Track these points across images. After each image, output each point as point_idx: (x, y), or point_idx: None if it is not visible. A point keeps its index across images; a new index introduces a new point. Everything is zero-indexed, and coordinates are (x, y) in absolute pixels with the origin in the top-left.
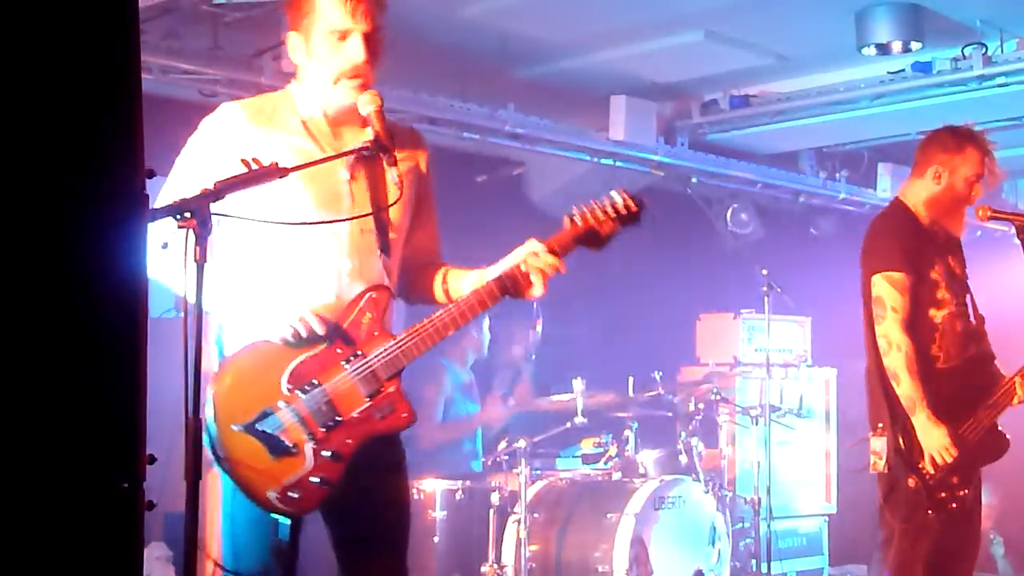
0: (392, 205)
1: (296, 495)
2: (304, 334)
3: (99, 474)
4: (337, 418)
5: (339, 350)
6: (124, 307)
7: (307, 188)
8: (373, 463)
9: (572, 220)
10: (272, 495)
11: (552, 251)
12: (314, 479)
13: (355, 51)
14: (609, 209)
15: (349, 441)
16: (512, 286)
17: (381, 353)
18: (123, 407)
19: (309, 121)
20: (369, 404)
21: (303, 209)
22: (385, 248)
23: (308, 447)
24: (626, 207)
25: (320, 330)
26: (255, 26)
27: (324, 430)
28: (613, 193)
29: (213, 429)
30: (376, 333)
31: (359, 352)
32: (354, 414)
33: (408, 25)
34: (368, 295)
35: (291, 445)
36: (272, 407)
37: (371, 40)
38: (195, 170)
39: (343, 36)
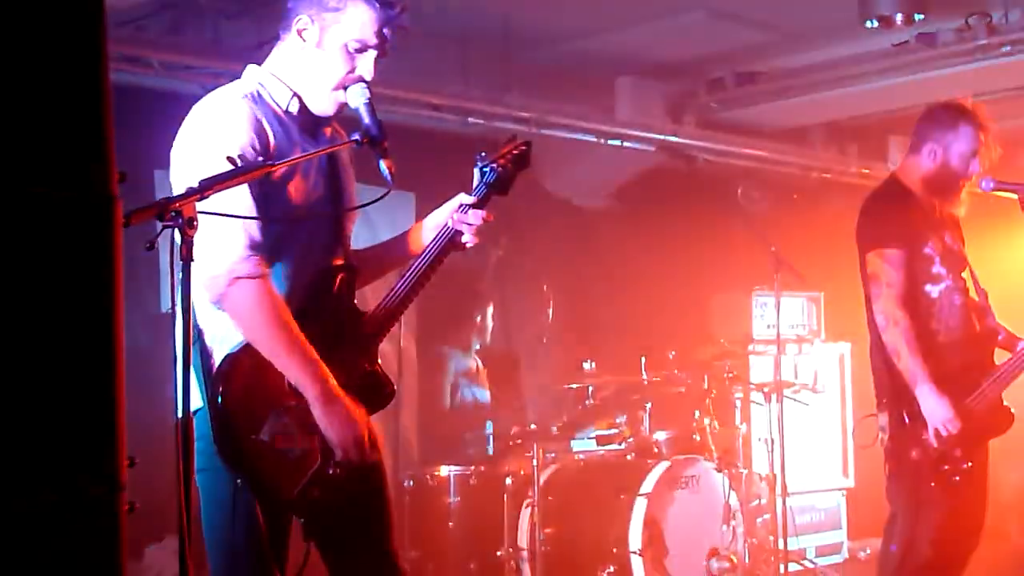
0: (383, 197)
1: (318, 492)
2: None
3: (73, 480)
4: None
5: None
6: (95, 312)
7: (295, 180)
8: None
9: (482, 172)
10: (294, 495)
11: (475, 204)
12: (330, 473)
13: (367, 68)
14: (506, 156)
15: None
16: (450, 240)
17: (368, 329)
18: (96, 413)
19: (286, 117)
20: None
21: (287, 203)
22: (347, 236)
23: (318, 442)
24: (517, 149)
25: None
26: (255, 19)
27: None
28: (502, 142)
29: (233, 442)
30: (352, 311)
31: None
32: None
33: (414, 13)
34: (340, 277)
35: (307, 444)
36: (282, 409)
37: (379, 58)
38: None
39: (361, 50)
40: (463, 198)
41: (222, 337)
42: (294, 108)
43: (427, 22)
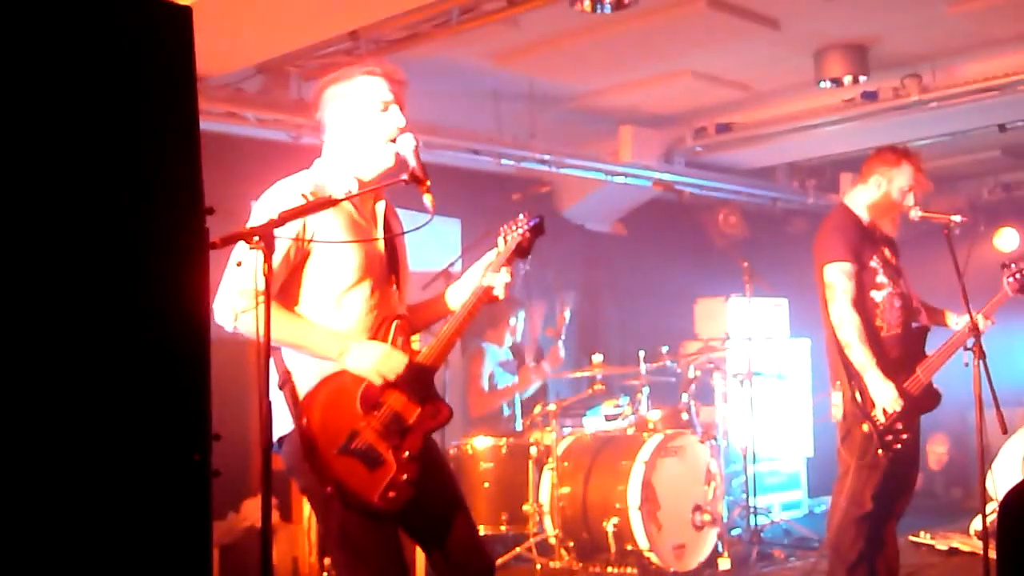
0: (426, 224)
1: (394, 494)
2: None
3: (179, 450)
4: (405, 426)
5: None
6: (190, 320)
7: (348, 233)
8: (429, 455)
9: (505, 241)
10: (376, 499)
11: (501, 267)
12: (402, 478)
13: (399, 118)
14: (524, 227)
15: (417, 442)
16: (484, 295)
17: (422, 365)
18: (192, 401)
19: (349, 195)
20: (421, 410)
21: (346, 248)
22: (403, 287)
23: (391, 454)
24: (533, 222)
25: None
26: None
27: (399, 438)
28: (520, 216)
29: (319, 459)
30: (408, 351)
31: None
32: (413, 420)
33: (458, 76)
34: (396, 322)
35: (379, 455)
36: (356, 428)
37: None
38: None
39: (385, 108)
40: (489, 259)
41: (302, 371)
42: (354, 189)
43: (468, 83)
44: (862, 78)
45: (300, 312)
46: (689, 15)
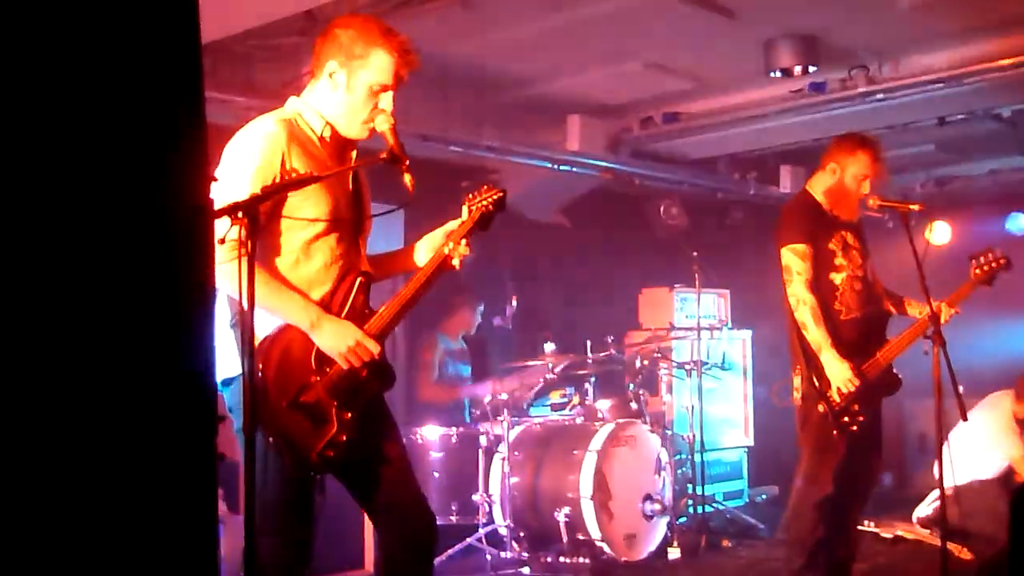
0: (405, 206)
1: (331, 453)
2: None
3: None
4: (352, 387)
5: None
6: (199, 289)
7: (325, 194)
8: (374, 415)
9: (470, 211)
10: (314, 456)
11: (462, 237)
12: (342, 438)
13: (389, 104)
14: (489, 199)
15: (360, 404)
16: (444, 264)
17: (378, 327)
18: (200, 378)
19: (320, 141)
20: (368, 373)
21: (322, 212)
22: (366, 241)
23: (335, 413)
24: (497, 195)
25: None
26: (281, 62)
27: (345, 397)
28: (484, 187)
29: (267, 408)
30: (367, 311)
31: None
32: (361, 382)
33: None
34: (358, 280)
35: (324, 413)
36: (308, 383)
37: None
38: (252, 177)
39: (383, 90)
40: (452, 227)
41: (260, 321)
42: (327, 134)
43: (421, 72)
44: (811, 68)
45: (277, 263)
46: (645, 4)
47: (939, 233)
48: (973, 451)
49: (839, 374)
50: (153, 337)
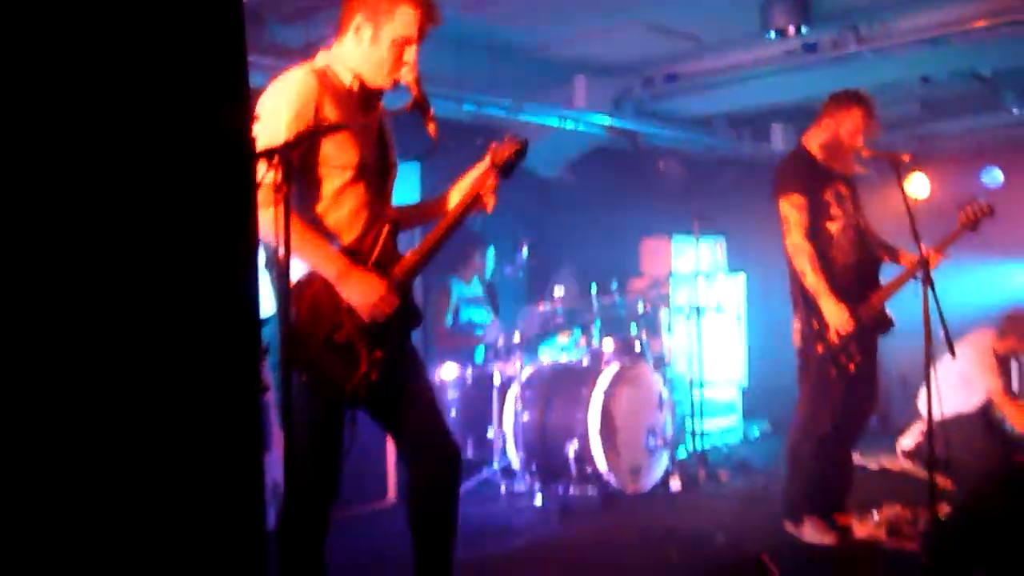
0: (429, 154)
1: (363, 390)
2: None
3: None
4: (381, 327)
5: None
6: (242, 236)
7: (354, 143)
8: (402, 354)
9: (493, 156)
10: (347, 393)
11: (488, 180)
12: (373, 376)
13: (412, 57)
14: (513, 147)
15: (388, 343)
16: (474, 204)
17: (405, 270)
18: (248, 310)
19: (348, 92)
20: (397, 313)
21: (351, 160)
22: (391, 189)
23: (364, 352)
24: (518, 142)
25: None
26: (305, 23)
27: (374, 337)
28: (506, 138)
29: (301, 347)
30: (395, 255)
31: (390, 272)
32: (390, 322)
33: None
34: (387, 226)
35: (355, 351)
36: (340, 321)
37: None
38: (288, 124)
39: (408, 42)
40: (478, 172)
41: (292, 264)
42: (355, 86)
43: (433, 35)
44: (804, 29)
45: (311, 209)
46: None
47: (919, 186)
48: (955, 385)
49: (836, 316)
50: (205, 269)
